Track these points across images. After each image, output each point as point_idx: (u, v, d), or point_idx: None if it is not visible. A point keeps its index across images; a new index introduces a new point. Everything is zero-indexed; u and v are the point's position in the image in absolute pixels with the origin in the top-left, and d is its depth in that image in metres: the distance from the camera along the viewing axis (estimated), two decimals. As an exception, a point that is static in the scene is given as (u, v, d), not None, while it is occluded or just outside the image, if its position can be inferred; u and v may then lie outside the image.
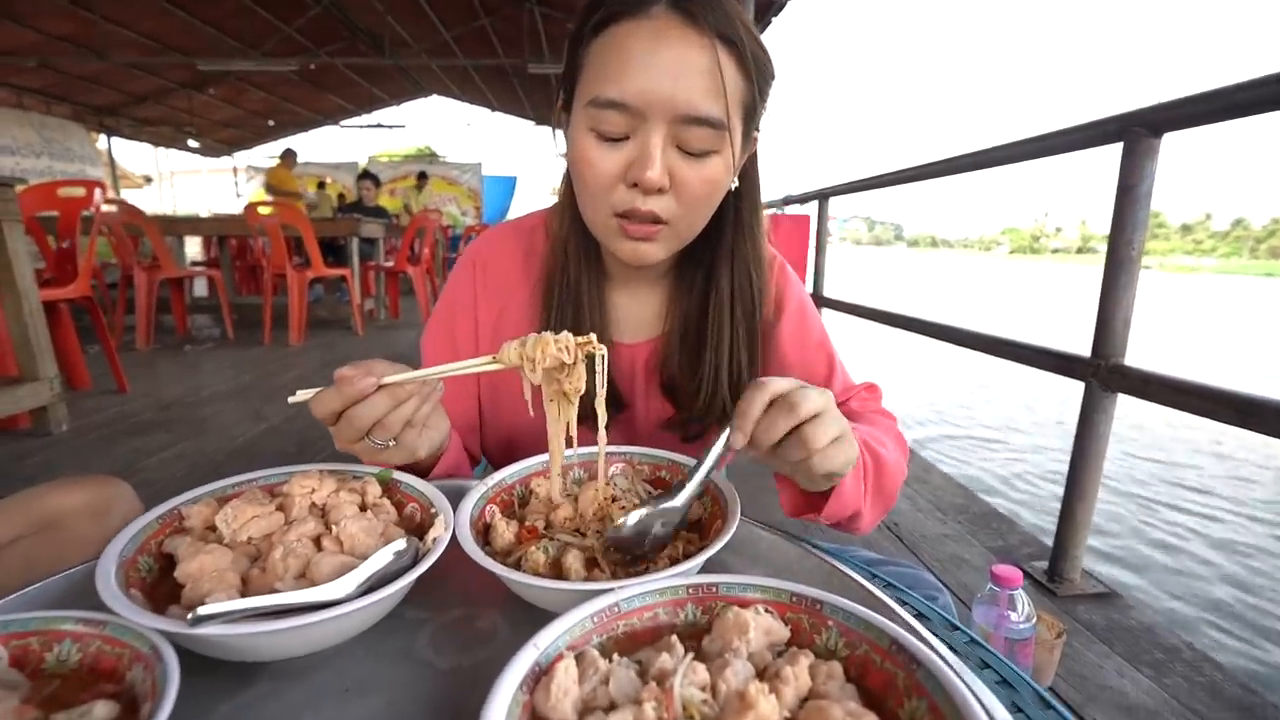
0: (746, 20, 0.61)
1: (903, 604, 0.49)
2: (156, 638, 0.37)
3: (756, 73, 0.62)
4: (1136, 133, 1.32)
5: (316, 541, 0.49)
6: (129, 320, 4.36)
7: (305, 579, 0.45)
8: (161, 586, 0.47)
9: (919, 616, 0.49)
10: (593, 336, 0.53)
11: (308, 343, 4.46)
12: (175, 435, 2.48)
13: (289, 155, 8.39)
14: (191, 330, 4.94)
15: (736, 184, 0.70)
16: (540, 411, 0.56)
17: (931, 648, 0.37)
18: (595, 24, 0.61)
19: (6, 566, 0.91)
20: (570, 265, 0.74)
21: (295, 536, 0.48)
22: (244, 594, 0.44)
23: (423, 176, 10.24)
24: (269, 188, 8.04)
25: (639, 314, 0.80)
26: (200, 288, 6.66)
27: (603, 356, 0.53)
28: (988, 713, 0.29)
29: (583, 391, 0.54)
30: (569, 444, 0.56)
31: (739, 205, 0.72)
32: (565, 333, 0.53)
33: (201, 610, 0.38)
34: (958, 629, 0.50)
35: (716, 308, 0.74)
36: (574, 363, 0.53)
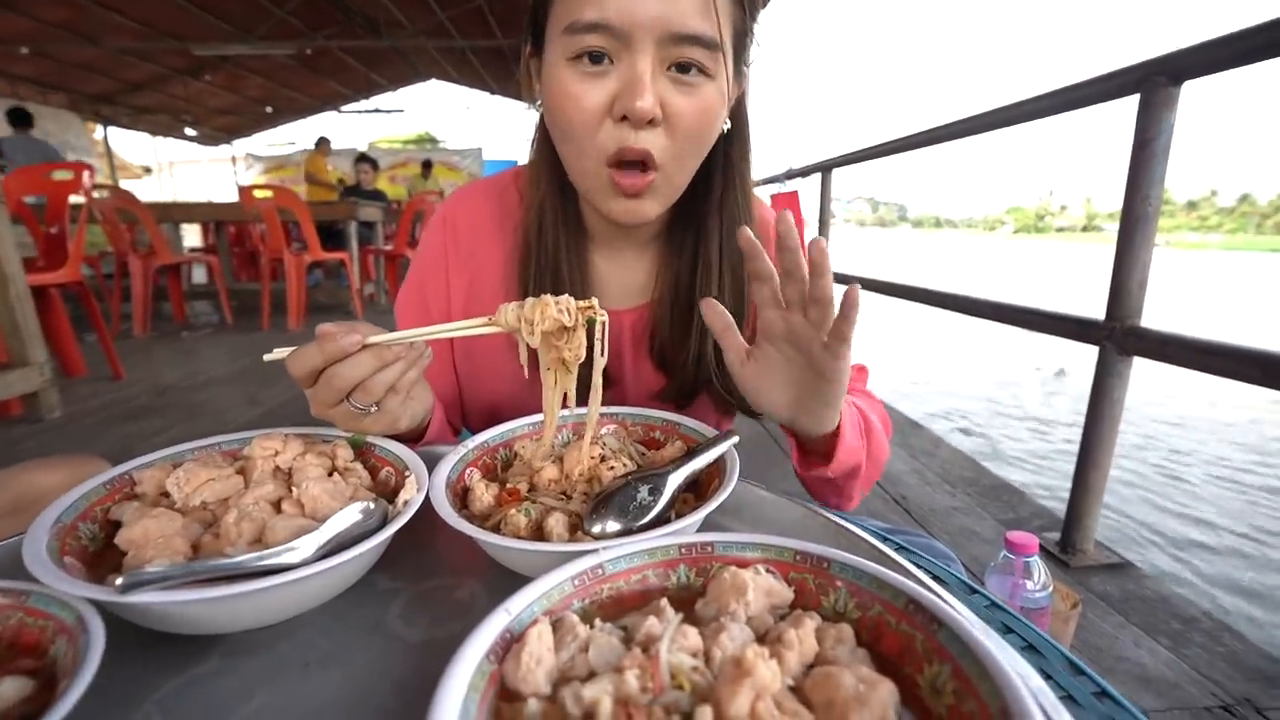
0: None
1: (917, 567, 0.45)
2: (84, 607, 0.33)
3: None
4: (1155, 81, 1.25)
5: (276, 505, 0.45)
6: (126, 308, 4.34)
7: (260, 544, 0.41)
8: (107, 556, 0.43)
9: (935, 579, 0.44)
10: (594, 301, 0.50)
11: (306, 327, 4.43)
12: (169, 420, 2.45)
13: (323, 143, 8.30)
14: (189, 317, 4.91)
15: (728, 125, 0.64)
16: (526, 379, 0.52)
17: (953, 608, 0.33)
18: None
19: (-17, 547, 0.87)
20: (548, 228, 0.69)
21: (252, 499, 0.44)
22: (194, 561, 0.40)
23: (427, 165, 10.16)
24: (308, 176, 7.93)
25: (625, 279, 0.75)
26: (199, 274, 6.63)
27: (604, 323, 0.50)
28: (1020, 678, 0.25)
29: (582, 359, 0.50)
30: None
31: (728, 150, 0.67)
32: (566, 295, 0.50)
33: (131, 575, 0.34)
34: (977, 592, 0.45)
35: (705, 267, 0.69)
36: (574, 327, 0.49)
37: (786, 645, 0.29)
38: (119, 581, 0.33)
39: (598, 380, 0.52)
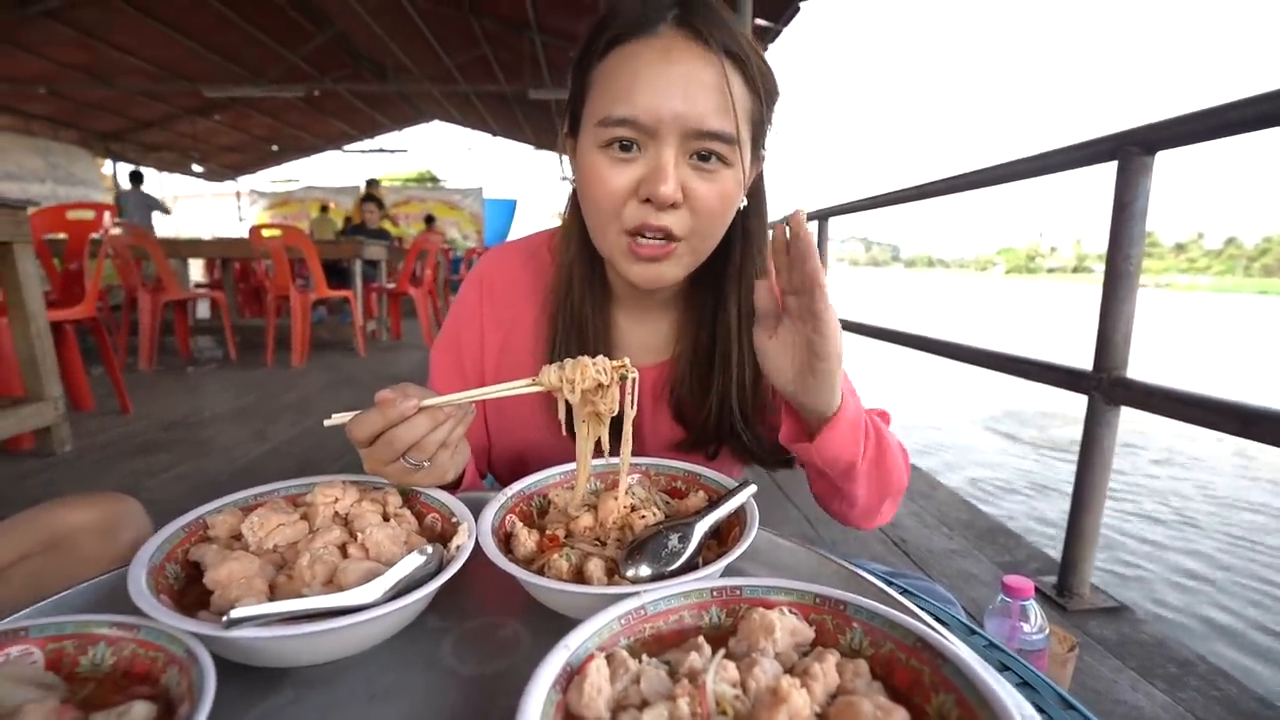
0: (750, 39, 0.63)
1: (921, 609, 0.49)
2: (191, 640, 0.37)
3: (764, 88, 0.63)
4: (1130, 151, 1.35)
5: (342, 549, 0.49)
6: (132, 342, 4.38)
7: (332, 585, 0.46)
8: (189, 594, 0.47)
9: (937, 621, 0.49)
10: (626, 360, 0.56)
11: (310, 364, 4.47)
12: (177, 456, 2.47)
13: (373, 184, 8.82)
14: (194, 352, 4.95)
15: (746, 202, 0.70)
16: (552, 427, 0.58)
17: (956, 645, 0.38)
18: (603, 46, 0.62)
19: (15, 584, 0.91)
20: (575, 288, 0.74)
21: (321, 544, 0.49)
22: (271, 601, 0.45)
23: (430, 219, 10.45)
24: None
25: (647, 338, 0.80)
26: (202, 309, 6.69)
27: (634, 379, 0.56)
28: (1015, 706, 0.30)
29: (615, 412, 0.56)
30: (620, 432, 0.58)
31: (747, 224, 0.73)
32: (601, 356, 0.56)
33: (235, 613, 0.38)
34: (976, 633, 0.50)
35: (724, 328, 0.74)
36: (609, 384, 0.55)
37: (813, 677, 0.33)
38: (225, 619, 0.38)
39: (628, 430, 0.57)
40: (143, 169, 8.35)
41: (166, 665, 0.37)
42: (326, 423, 0.55)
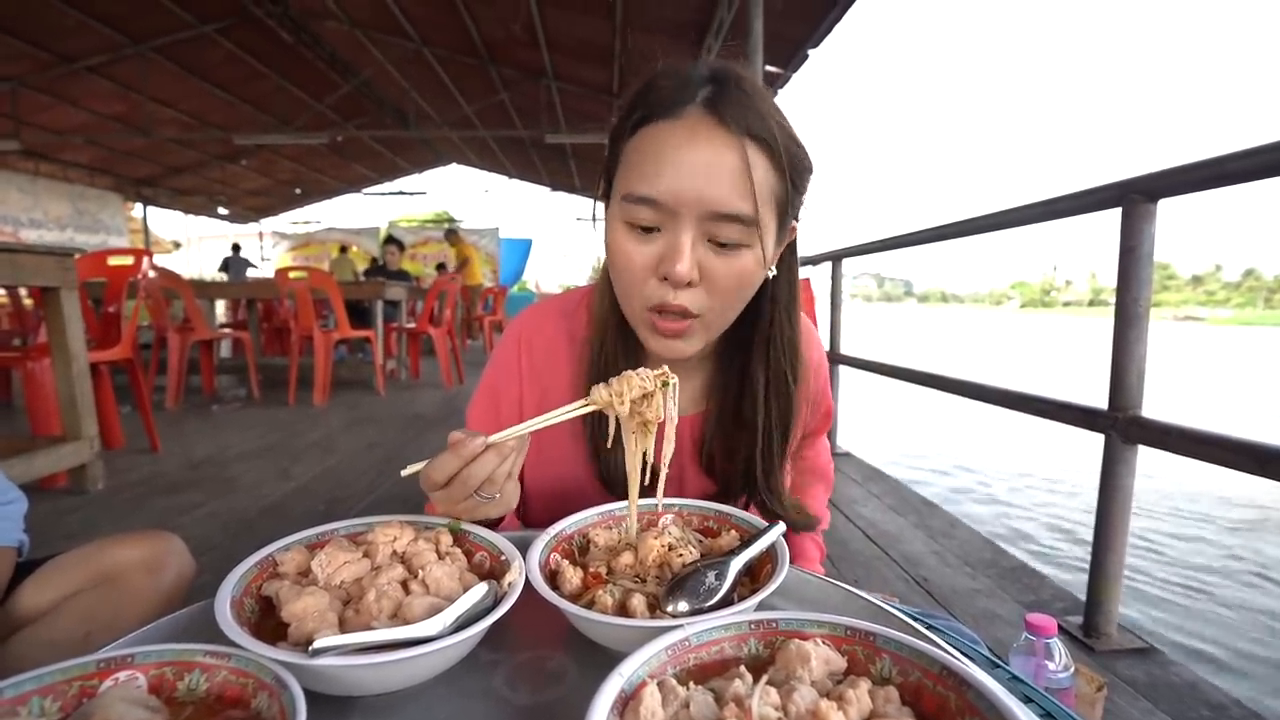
0: (780, 117, 0.64)
1: (947, 643, 0.52)
2: (278, 668, 0.41)
3: (790, 168, 0.63)
4: (1134, 199, 1.39)
5: (403, 585, 0.53)
6: (159, 380, 4.49)
7: (398, 619, 0.49)
8: (264, 625, 0.51)
9: (962, 655, 0.52)
10: (666, 368, 0.60)
11: (331, 403, 4.54)
12: (207, 494, 2.53)
13: (453, 234, 9.84)
14: (218, 390, 5.05)
15: (774, 272, 0.72)
16: (588, 461, 0.66)
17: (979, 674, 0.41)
18: (633, 123, 0.64)
19: (68, 617, 0.95)
20: (608, 341, 0.77)
21: (385, 580, 0.53)
22: (341, 633, 0.49)
23: (451, 233, 10.71)
24: (463, 259, 9.34)
25: (680, 390, 0.83)
26: (224, 348, 6.84)
27: (674, 385, 0.60)
28: (1035, 732, 0.33)
29: (661, 419, 0.60)
30: (649, 471, 0.62)
31: (775, 291, 0.74)
32: (643, 368, 0.60)
33: (319, 643, 0.42)
34: (999, 666, 0.52)
35: (750, 394, 0.76)
36: (653, 393, 0.59)
37: (848, 702, 0.37)
38: (310, 649, 0.42)
39: (671, 431, 0.61)
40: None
41: (256, 691, 0.41)
42: (404, 473, 0.57)
